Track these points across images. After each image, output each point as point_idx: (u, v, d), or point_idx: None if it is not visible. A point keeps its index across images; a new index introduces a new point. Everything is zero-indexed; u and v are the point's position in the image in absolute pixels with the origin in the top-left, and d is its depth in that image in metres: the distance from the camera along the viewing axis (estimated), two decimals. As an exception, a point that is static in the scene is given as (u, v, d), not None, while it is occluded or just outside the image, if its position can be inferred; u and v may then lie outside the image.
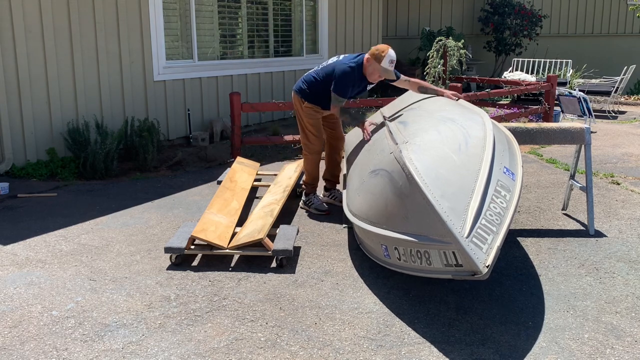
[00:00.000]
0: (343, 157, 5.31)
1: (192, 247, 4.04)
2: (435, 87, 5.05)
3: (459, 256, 2.86)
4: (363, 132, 4.66)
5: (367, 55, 4.71)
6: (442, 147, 3.44)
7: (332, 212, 5.07)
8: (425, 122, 3.94)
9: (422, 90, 4.98)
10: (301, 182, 5.35)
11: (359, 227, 3.61)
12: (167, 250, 3.92)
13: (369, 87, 4.92)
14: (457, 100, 4.68)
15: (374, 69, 4.69)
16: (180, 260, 3.99)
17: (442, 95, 4.81)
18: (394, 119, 4.43)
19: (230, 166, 5.65)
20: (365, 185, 3.70)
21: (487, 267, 2.76)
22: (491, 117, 8.97)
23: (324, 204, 5.17)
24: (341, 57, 4.91)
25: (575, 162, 4.95)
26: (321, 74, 4.89)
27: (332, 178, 5.34)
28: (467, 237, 2.85)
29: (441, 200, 2.98)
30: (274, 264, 3.98)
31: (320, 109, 4.97)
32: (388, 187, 3.35)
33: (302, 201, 5.27)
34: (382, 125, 4.42)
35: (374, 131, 4.54)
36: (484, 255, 2.82)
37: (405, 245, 3.13)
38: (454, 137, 3.55)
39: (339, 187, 5.42)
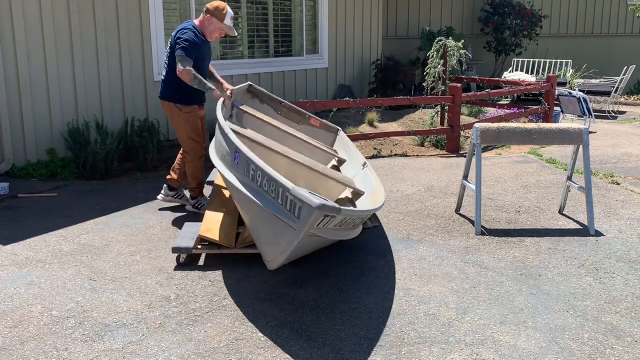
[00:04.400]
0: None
1: (199, 246, 4.05)
2: (217, 79, 5.11)
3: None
4: (222, 100, 4.62)
5: (205, 15, 4.71)
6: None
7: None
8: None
9: (209, 75, 5.09)
10: (188, 188, 5.16)
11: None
12: (175, 250, 3.93)
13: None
14: (228, 97, 4.82)
15: (215, 28, 4.70)
16: (188, 260, 3.99)
17: (216, 92, 4.74)
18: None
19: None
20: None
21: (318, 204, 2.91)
22: (491, 117, 9.04)
23: None
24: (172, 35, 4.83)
25: (573, 163, 4.95)
26: (169, 64, 4.77)
27: (180, 179, 5.21)
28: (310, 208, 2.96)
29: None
30: (274, 264, 3.98)
31: (197, 107, 4.91)
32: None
33: (190, 205, 5.16)
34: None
35: None
36: (316, 200, 2.93)
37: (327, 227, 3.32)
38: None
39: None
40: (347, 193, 4.63)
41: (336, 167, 5.25)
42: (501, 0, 14.53)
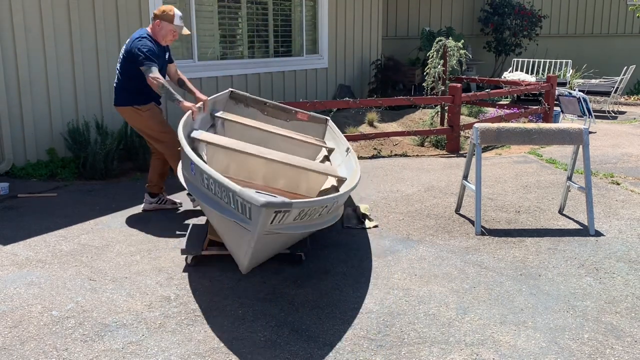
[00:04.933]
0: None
1: (208, 247, 4.05)
2: (190, 89, 5.07)
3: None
4: (190, 113, 4.57)
5: (155, 21, 4.75)
6: None
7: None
8: None
9: (180, 83, 5.10)
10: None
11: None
12: (184, 252, 3.93)
13: (167, 55, 4.97)
14: (198, 109, 4.69)
15: (167, 31, 4.74)
16: (197, 262, 3.99)
17: (184, 104, 4.65)
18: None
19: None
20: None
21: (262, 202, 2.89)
22: (491, 117, 9.04)
23: None
24: (127, 42, 4.83)
25: (573, 163, 4.95)
26: (123, 71, 4.78)
27: (159, 183, 5.20)
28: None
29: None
30: (274, 264, 3.98)
31: (155, 105, 4.92)
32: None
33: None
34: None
35: None
36: (261, 199, 2.91)
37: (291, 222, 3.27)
38: None
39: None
40: (332, 181, 4.61)
41: (327, 157, 5.26)
42: (501, 0, 14.53)
